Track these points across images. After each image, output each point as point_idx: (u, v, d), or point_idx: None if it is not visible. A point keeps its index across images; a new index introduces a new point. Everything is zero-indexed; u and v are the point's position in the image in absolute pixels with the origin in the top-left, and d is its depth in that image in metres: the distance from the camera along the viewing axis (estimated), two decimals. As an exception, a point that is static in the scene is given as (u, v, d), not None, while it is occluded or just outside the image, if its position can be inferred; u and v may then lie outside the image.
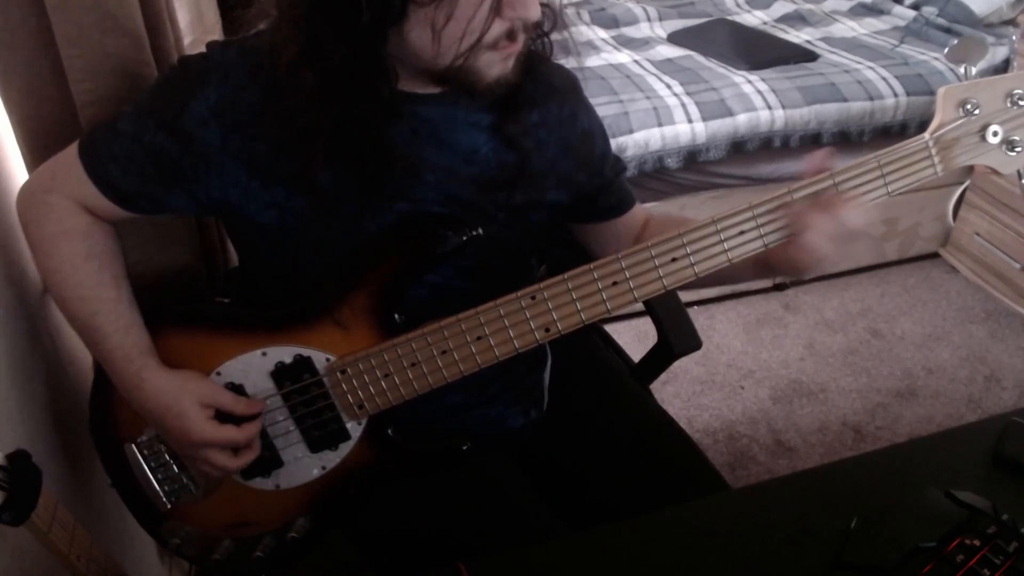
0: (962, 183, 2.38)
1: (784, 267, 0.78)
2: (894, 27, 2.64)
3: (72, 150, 0.84)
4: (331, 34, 0.71)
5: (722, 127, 2.08)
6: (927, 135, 0.74)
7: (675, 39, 2.58)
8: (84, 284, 0.84)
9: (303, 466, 0.89)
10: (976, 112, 0.73)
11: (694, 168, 2.13)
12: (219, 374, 0.85)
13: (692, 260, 0.75)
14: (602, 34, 2.68)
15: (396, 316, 0.82)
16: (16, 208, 0.87)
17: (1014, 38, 2.25)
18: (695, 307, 2.35)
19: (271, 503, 0.91)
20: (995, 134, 0.74)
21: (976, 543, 0.69)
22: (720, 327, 2.30)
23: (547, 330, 0.78)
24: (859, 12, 2.81)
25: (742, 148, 2.12)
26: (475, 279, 0.89)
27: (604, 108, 2.05)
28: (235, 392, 0.85)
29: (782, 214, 0.74)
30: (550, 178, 0.89)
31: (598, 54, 2.46)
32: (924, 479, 0.80)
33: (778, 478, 0.91)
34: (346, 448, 0.88)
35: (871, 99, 2.16)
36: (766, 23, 2.76)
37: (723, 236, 0.74)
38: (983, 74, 0.86)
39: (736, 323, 2.32)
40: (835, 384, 2.09)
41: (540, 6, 0.73)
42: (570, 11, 2.81)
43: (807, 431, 1.95)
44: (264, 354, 0.84)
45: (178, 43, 1.06)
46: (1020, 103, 0.73)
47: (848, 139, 2.18)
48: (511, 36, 0.73)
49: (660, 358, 1.19)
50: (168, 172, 0.80)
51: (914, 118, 2.20)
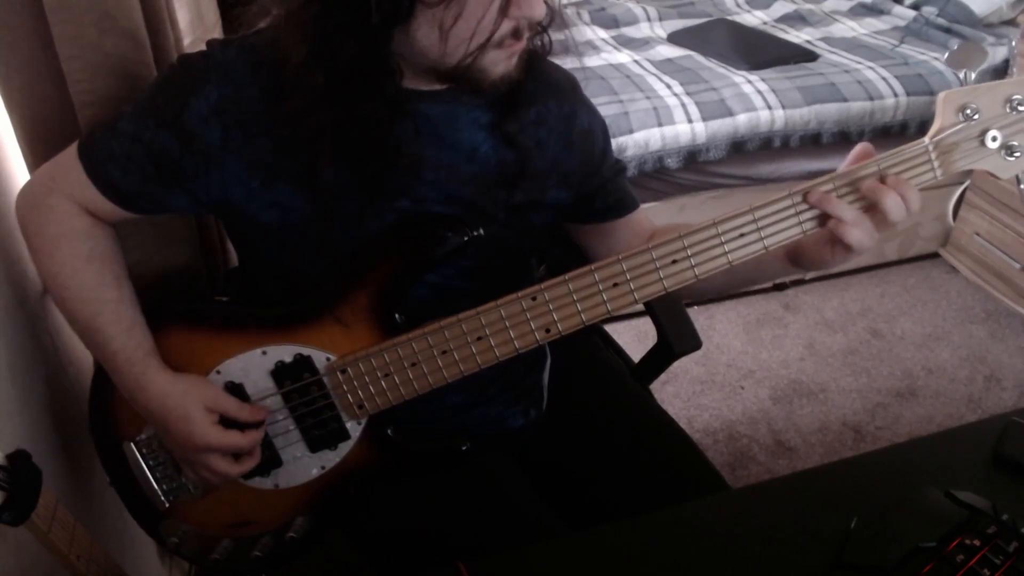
0: (962, 183, 2.38)
1: (816, 263, 0.79)
2: (894, 27, 2.64)
3: (71, 151, 0.83)
4: (339, 34, 0.71)
5: (722, 127, 2.08)
6: (927, 140, 0.74)
7: (675, 39, 2.58)
8: (85, 286, 0.84)
9: (302, 466, 0.89)
10: (976, 117, 0.73)
11: (694, 168, 2.13)
12: (219, 372, 0.85)
13: (693, 262, 0.75)
14: (602, 34, 2.68)
15: (397, 316, 0.82)
16: (15, 211, 0.86)
17: (1014, 43, 2.25)
18: (695, 307, 2.35)
19: (270, 503, 0.91)
20: (994, 139, 0.74)
21: (976, 543, 0.69)
22: (720, 327, 2.30)
23: (547, 331, 0.78)
24: (859, 12, 2.82)
25: (742, 148, 2.12)
26: (475, 279, 0.89)
27: (604, 108, 2.05)
28: (235, 391, 0.85)
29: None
30: (551, 177, 0.89)
31: (598, 54, 2.46)
32: (924, 479, 0.80)
33: (778, 478, 0.90)
34: (346, 448, 0.88)
35: (871, 99, 2.16)
36: (766, 23, 2.76)
37: (724, 239, 0.74)
38: (983, 72, 0.86)
39: (736, 323, 2.32)
40: (835, 384, 2.09)
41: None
42: (570, 11, 2.81)
43: (807, 431, 1.95)
44: (264, 353, 0.84)
45: (178, 43, 1.05)
46: (1019, 108, 0.73)
47: (848, 139, 2.18)
48: (516, 34, 0.74)
49: (660, 358, 1.19)
50: (168, 171, 0.80)
51: (914, 118, 2.21)
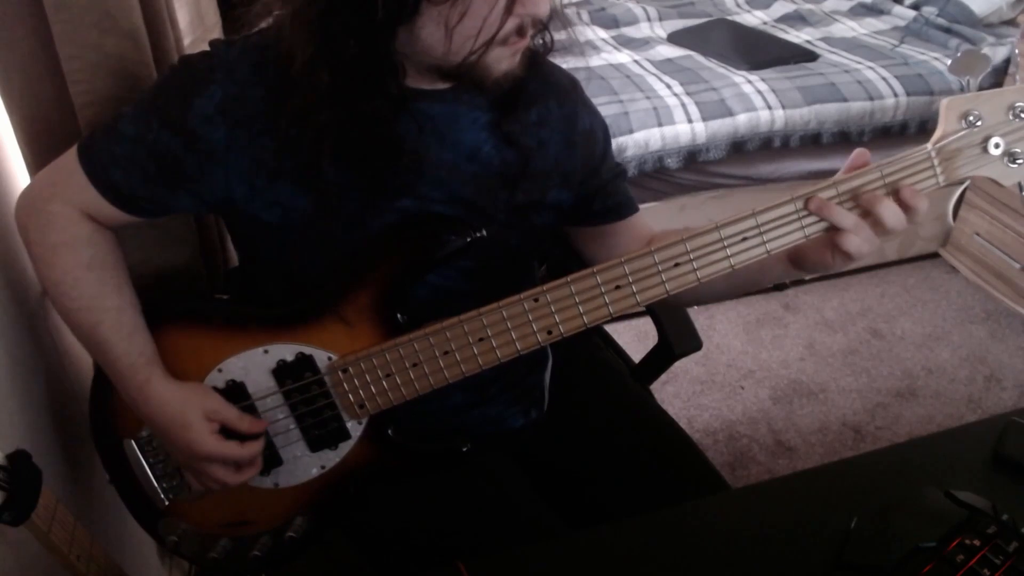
0: (962, 183, 2.38)
1: (818, 267, 0.80)
2: (894, 27, 2.64)
3: (71, 155, 0.82)
4: (344, 33, 0.71)
5: (722, 127, 2.08)
6: (930, 146, 0.74)
7: (675, 39, 2.58)
8: (87, 294, 0.83)
9: (302, 465, 0.89)
10: (978, 124, 0.73)
11: (694, 168, 2.13)
12: (220, 371, 0.85)
13: (695, 265, 0.75)
14: (602, 34, 2.68)
15: (399, 316, 0.82)
16: (16, 218, 0.85)
17: (1016, 51, 2.25)
18: (695, 307, 2.35)
19: (269, 502, 0.91)
20: (997, 146, 0.74)
21: (976, 543, 0.69)
22: (720, 327, 2.30)
23: (549, 332, 0.78)
24: (859, 12, 2.81)
25: (742, 148, 2.12)
26: (477, 280, 0.89)
27: (604, 108, 2.05)
28: (237, 389, 0.85)
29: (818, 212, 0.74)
30: (552, 177, 0.89)
31: (598, 54, 2.46)
32: (924, 479, 0.80)
33: (778, 478, 0.91)
34: (346, 447, 0.88)
35: (871, 99, 2.16)
36: (766, 23, 2.76)
37: (726, 243, 0.74)
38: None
39: (736, 323, 2.32)
40: (835, 384, 2.09)
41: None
42: (570, 11, 2.81)
43: (807, 431, 1.95)
44: (266, 352, 0.84)
45: (178, 43, 1.05)
46: (1022, 116, 0.73)
47: (848, 139, 2.18)
48: (520, 32, 0.74)
49: (660, 358, 1.19)
50: (171, 172, 0.80)
51: (914, 118, 2.21)
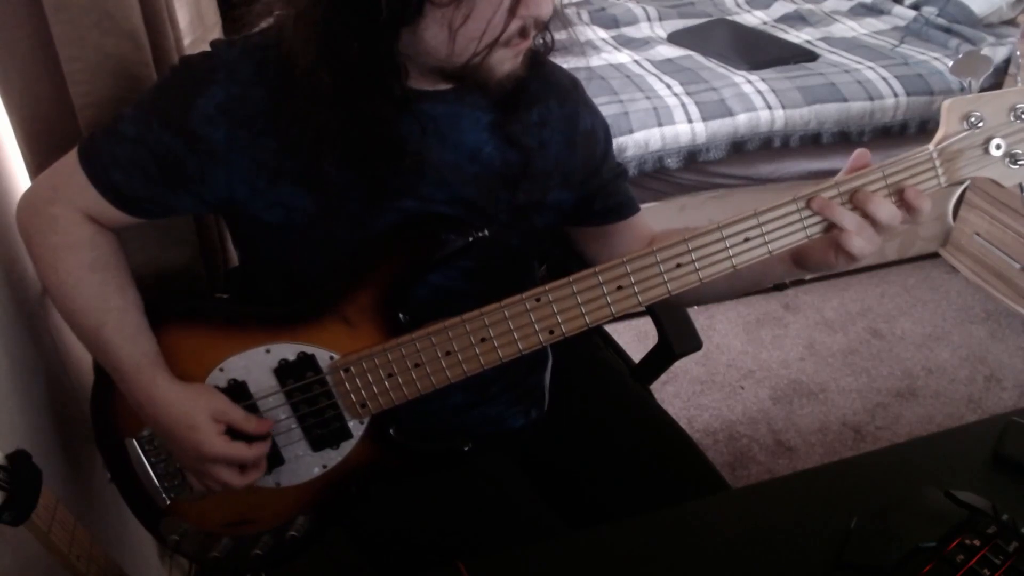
0: (962, 183, 2.38)
1: (820, 266, 0.80)
2: (894, 27, 2.64)
3: (72, 157, 0.82)
4: (348, 35, 0.71)
5: (722, 127, 2.08)
6: (931, 147, 0.74)
7: (675, 39, 2.58)
8: (90, 296, 0.83)
9: (304, 464, 0.89)
10: (980, 125, 0.73)
11: (694, 168, 2.13)
12: (222, 370, 0.85)
13: (697, 266, 0.75)
14: (602, 34, 2.68)
15: (401, 315, 0.82)
16: (16, 221, 0.85)
17: (1017, 51, 2.24)
18: (695, 307, 2.35)
19: (271, 501, 0.91)
20: (998, 147, 0.74)
21: (976, 543, 0.69)
22: (720, 327, 2.30)
23: (551, 332, 0.78)
24: (859, 12, 2.82)
25: (742, 148, 2.12)
26: (477, 280, 0.89)
27: (604, 108, 2.04)
28: (238, 388, 0.85)
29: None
30: (553, 177, 0.89)
31: (598, 54, 2.46)
32: (924, 479, 0.80)
33: (778, 478, 0.91)
34: (348, 447, 0.88)
35: (871, 99, 2.16)
36: (766, 23, 2.76)
37: (728, 243, 0.74)
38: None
39: (736, 323, 2.32)
40: (835, 384, 2.09)
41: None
42: (570, 11, 2.80)
43: (807, 431, 1.95)
44: (268, 351, 0.84)
45: (178, 43, 1.05)
46: (1023, 117, 0.73)
47: (848, 139, 2.18)
48: (523, 33, 0.74)
49: (660, 358, 1.19)
50: (172, 173, 0.80)
51: (914, 118, 2.21)
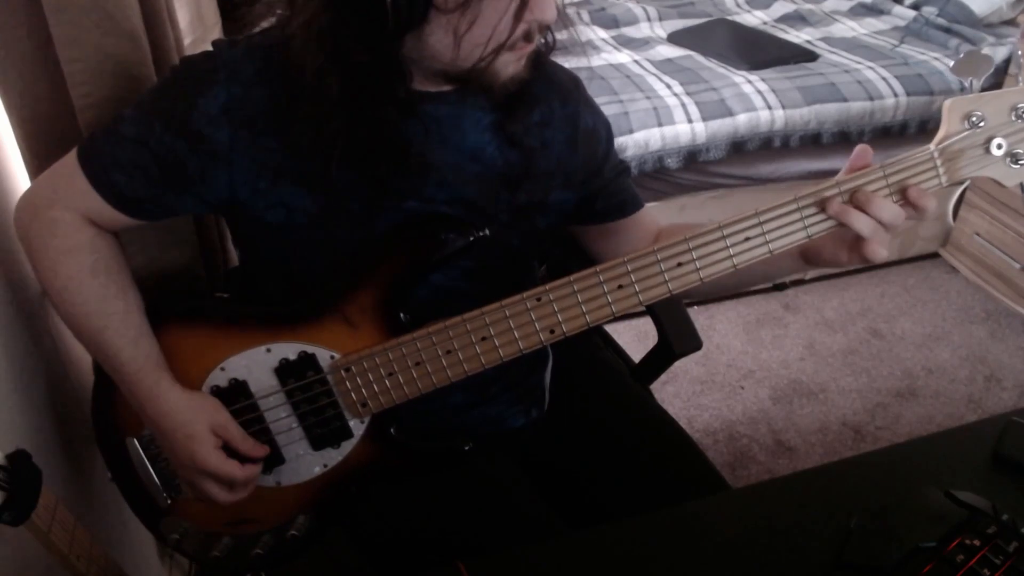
0: (963, 183, 2.38)
1: (830, 264, 0.80)
2: (894, 27, 2.64)
3: (71, 159, 0.81)
4: (355, 42, 0.71)
5: (722, 127, 2.08)
6: (933, 146, 0.74)
7: (675, 39, 2.58)
8: (92, 300, 0.82)
9: (305, 463, 0.89)
10: (981, 125, 0.73)
11: (694, 168, 2.13)
12: (223, 369, 0.85)
13: (697, 265, 0.75)
14: (602, 34, 2.68)
15: (402, 315, 0.82)
16: (15, 224, 0.84)
17: (1019, 51, 2.24)
18: (695, 307, 2.35)
19: (272, 500, 0.91)
20: (999, 147, 0.74)
21: (976, 543, 0.69)
22: (720, 327, 2.30)
23: (552, 331, 0.78)
24: (859, 12, 2.81)
25: (742, 148, 2.12)
26: (478, 280, 0.89)
27: (604, 108, 2.00)
28: (239, 387, 0.85)
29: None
30: (555, 178, 0.89)
31: (598, 54, 2.46)
32: (924, 479, 0.80)
33: (778, 478, 0.90)
34: (348, 446, 0.88)
35: (871, 99, 2.16)
36: (766, 23, 2.76)
37: (729, 242, 0.74)
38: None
39: (736, 323, 2.32)
40: (835, 384, 2.09)
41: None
42: (570, 11, 2.80)
43: (807, 431, 1.95)
44: (268, 350, 0.84)
45: (178, 43, 1.05)
46: None
47: (848, 139, 2.18)
48: (528, 37, 0.74)
49: (660, 358, 1.19)
50: (174, 174, 0.80)
51: (914, 118, 2.21)
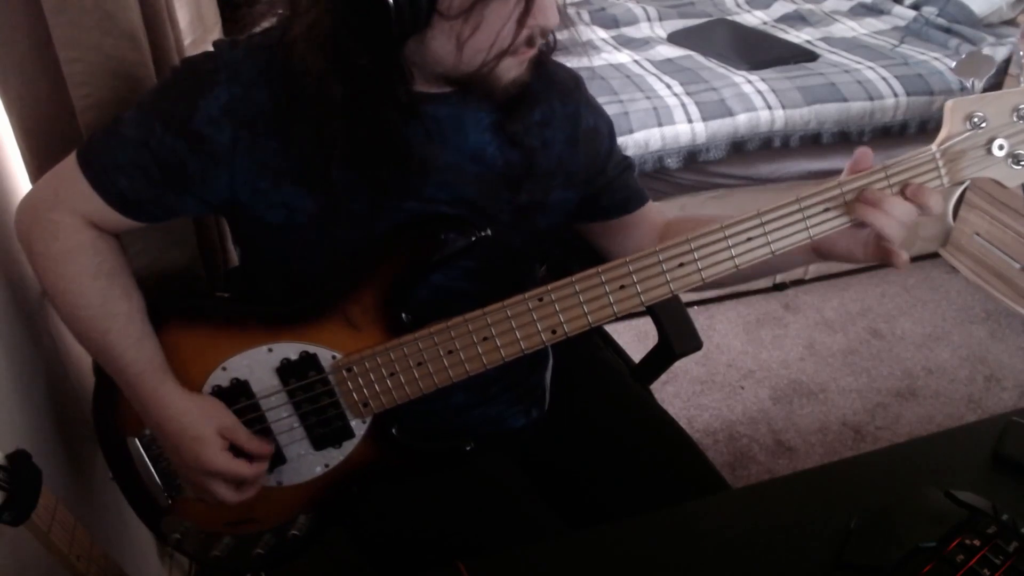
0: (962, 183, 2.38)
1: (843, 260, 0.81)
2: (894, 27, 2.64)
3: (71, 162, 0.81)
4: (358, 46, 0.71)
5: (722, 127, 2.08)
6: (934, 147, 0.74)
7: (675, 39, 2.58)
8: (94, 303, 0.82)
9: (306, 463, 0.89)
10: (983, 125, 0.73)
11: (694, 168, 2.13)
12: (225, 369, 0.85)
13: (699, 266, 0.75)
14: (602, 34, 2.68)
15: (403, 315, 0.82)
16: (16, 227, 0.84)
17: (1021, 52, 2.24)
18: (695, 307, 2.35)
19: (273, 500, 0.91)
20: (1001, 148, 0.74)
21: (976, 543, 0.69)
22: (720, 327, 2.30)
23: (553, 332, 0.78)
24: (859, 12, 2.81)
25: (742, 148, 2.12)
26: (479, 281, 0.89)
27: (604, 108, 2.05)
28: (241, 387, 0.85)
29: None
30: (556, 177, 0.89)
31: (598, 54, 2.45)
32: (924, 479, 0.80)
33: (778, 478, 0.91)
34: (350, 446, 0.88)
35: (871, 99, 2.16)
36: (766, 23, 2.76)
37: (731, 243, 0.75)
38: (982, 72, 0.86)
39: (736, 323, 2.32)
40: (835, 384, 2.09)
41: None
42: (570, 11, 2.80)
43: (807, 431, 1.95)
44: (270, 350, 0.84)
45: (178, 43, 1.05)
46: None
47: (848, 139, 2.18)
48: (530, 42, 0.74)
49: (660, 358, 1.19)
50: (175, 176, 0.80)
51: (914, 118, 2.21)
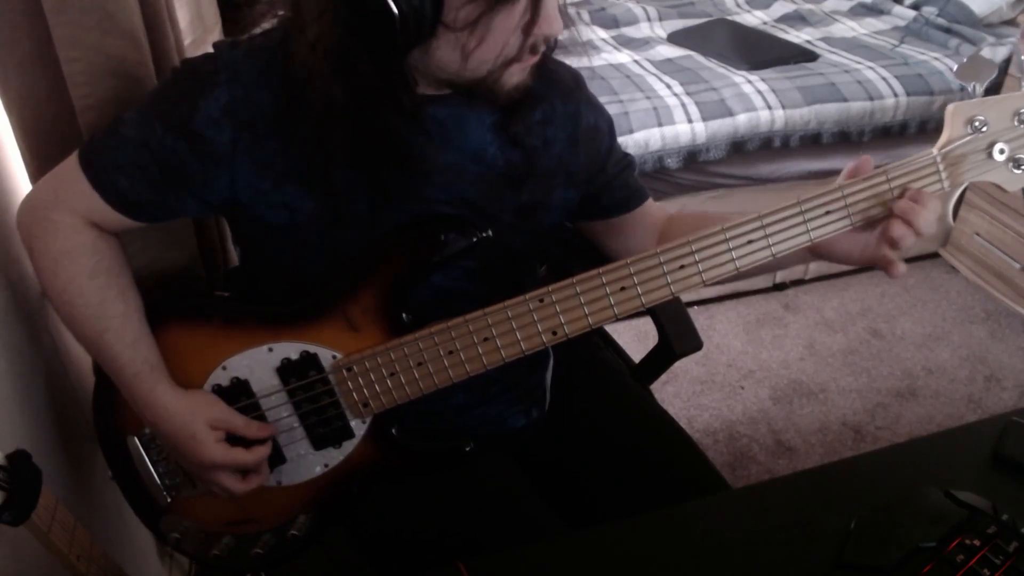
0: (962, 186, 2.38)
1: (841, 261, 0.81)
2: (894, 27, 2.64)
3: (72, 163, 0.81)
4: (363, 56, 0.71)
5: (722, 127, 2.08)
6: (935, 151, 0.74)
7: (675, 39, 2.58)
8: (92, 302, 0.82)
9: (306, 463, 0.89)
10: (984, 129, 0.73)
11: (694, 168, 2.13)
12: (225, 368, 0.85)
13: (700, 268, 0.75)
14: (602, 34, 2.68)
15: (404, 315, 0.82)
16: (17, 226, 0.84)
17: (1022, 53, 2.24)
18: (695, 307, 2.35)
19: (273, 500, 0.91)
20: (1001, 152, 0.74)
21: (976, 543, 0.69)
22: (720, 327, 2.30)
23: (554, 333, 0.78)
24: (859, 12, 2.81)
25: (742, 148, 2.12)
26: (479, 281, 0.89)
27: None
28: (241, 387, 0.85)
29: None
30: (558, 176, 0.90)
31: (598, 54, 2.46)
32: (924, 479, 0.80)
33: (778, 478, 0.91)
34: (350, 446, 0.88)
35: (871, 99, 2.16)
36: (766, 23, 2.76)
37: (732, 245, 0.75)
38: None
39: (736, 323, 2.32)
40: (835, 384, 2.09)
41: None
42: (570, 11, 2.80)
43: (807, 431, 1.95)
44: (270, 350, 0.84)
45: (178, 43, 1.05)
46: None
47: (848, 139, 2.18)
48: (534, 50, 0.75)
49: (661, 358, 1.19)
50: (176, 176, 0.80)
51: (914, 118, 2.21)
